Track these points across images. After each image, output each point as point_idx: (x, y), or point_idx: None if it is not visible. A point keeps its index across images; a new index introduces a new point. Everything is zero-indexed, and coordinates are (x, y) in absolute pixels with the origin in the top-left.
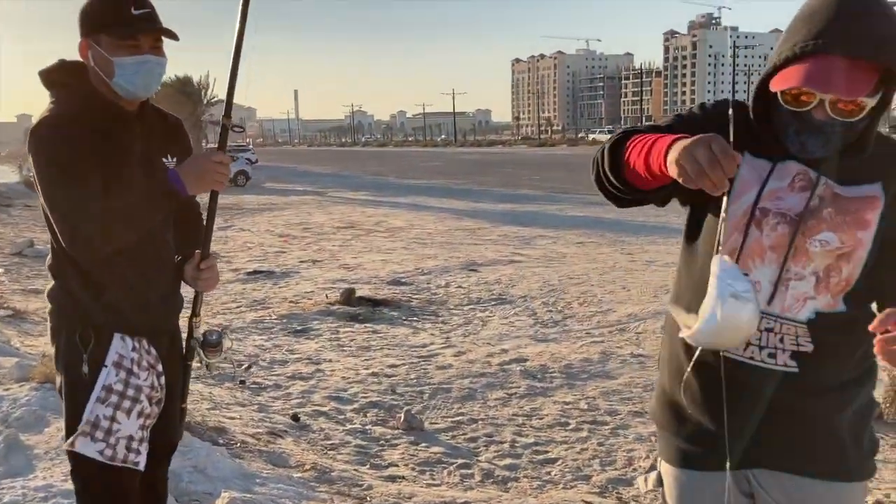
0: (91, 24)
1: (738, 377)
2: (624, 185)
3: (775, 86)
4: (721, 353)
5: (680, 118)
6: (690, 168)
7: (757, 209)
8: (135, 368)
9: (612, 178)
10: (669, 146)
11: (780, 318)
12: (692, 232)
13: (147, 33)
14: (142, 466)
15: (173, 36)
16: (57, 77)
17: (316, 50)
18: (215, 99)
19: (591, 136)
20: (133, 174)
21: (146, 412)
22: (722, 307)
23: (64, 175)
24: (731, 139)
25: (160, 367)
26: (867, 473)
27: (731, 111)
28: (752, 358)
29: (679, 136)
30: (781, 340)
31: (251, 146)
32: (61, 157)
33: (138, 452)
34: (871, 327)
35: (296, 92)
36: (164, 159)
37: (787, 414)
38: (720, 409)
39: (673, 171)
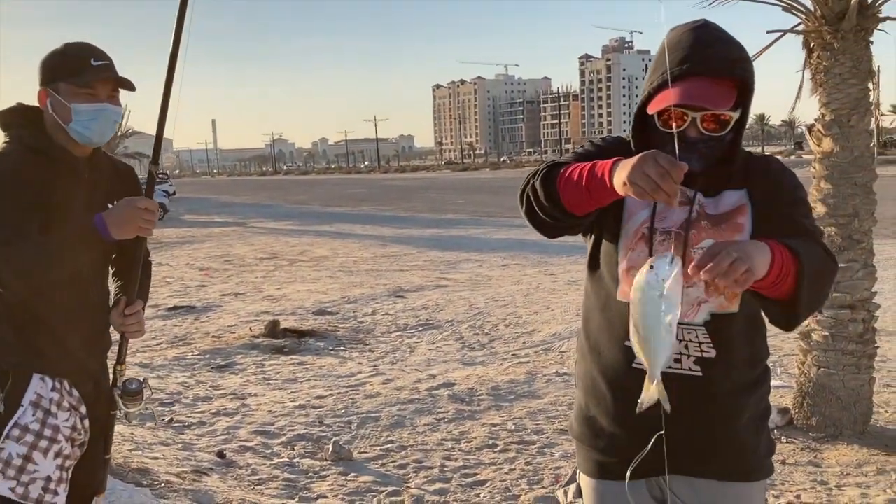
0: (52, 73)
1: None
2: (562, 213)
3: (653, 108)
4: (632, 364)
5: (581, 156)
6: (645, 184)
7: (645, 228)
8: (53, 409)
9: (549, 206)
10: (612, 167)
11: (681, 324)
12: (595, 258)
13: (105, 82)
14: None
15: (130, 86)
16: (12, 119)
17: (232, 78)
18: (130, 131)
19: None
20: (68, 220)
21: (65, 453)
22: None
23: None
24: (677, 152)
25: (83, 409)
26: (766, 472)
27: (674, 126)
28: None
29: (617, 157)
30: (686, 347)
31: (169, 178)
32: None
33: (56, 493)
34: (691, 267)
35: (213, 121)
36: (109, 205)
37: (692, 419)
38: (632, 419)
39: (627, 191)
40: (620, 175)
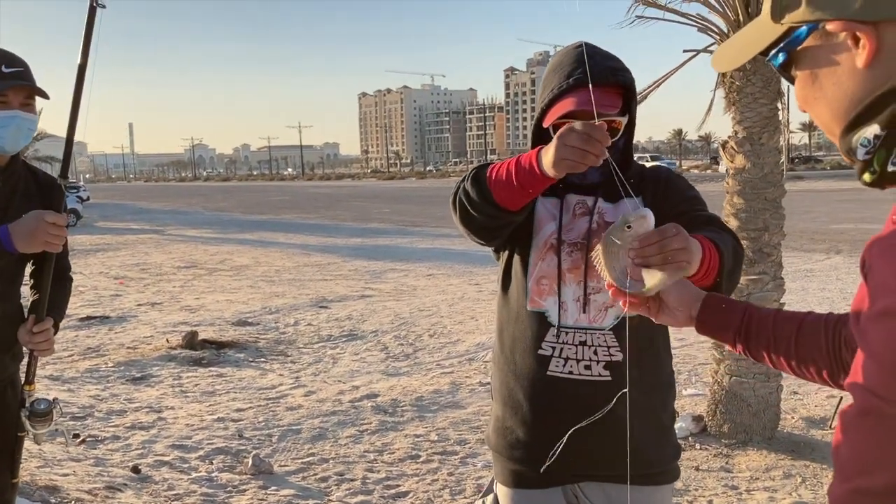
0: None
1: (561, 393)
2: (496, 210)
3: (549, 120)
4: (546, 372)
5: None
6: (572, 154)
7: (553, 239)
8: None
9: (483, 206)
10: (537, 156)
11: (589, 329)
12: (507, 273)
13: (17, 89)
14: None
15: (44, 95)
16: None
17: (150, 82)
18: (41, 135)
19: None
20: None
21: None
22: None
23: None
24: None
25: None
26: (673, 476)
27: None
28: (571, 372)
29: (539, 146)
30: (595, 353)
31: (82, 183)
32: None
33: None
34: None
35: (130, 125)
36: None
37: (602, 424)
38: (548, 427)
39: (559, 170)
40: (547, 159)
